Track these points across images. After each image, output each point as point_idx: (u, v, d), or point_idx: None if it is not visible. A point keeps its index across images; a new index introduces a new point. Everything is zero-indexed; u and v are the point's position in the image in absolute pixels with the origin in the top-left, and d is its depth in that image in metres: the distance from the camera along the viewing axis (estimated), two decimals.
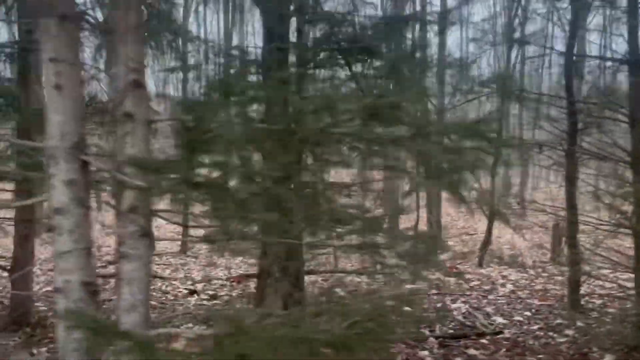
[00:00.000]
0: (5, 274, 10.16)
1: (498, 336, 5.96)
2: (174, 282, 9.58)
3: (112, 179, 2.25)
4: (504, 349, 5.46)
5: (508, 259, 10.69)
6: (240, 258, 11.93)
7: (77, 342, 2.26)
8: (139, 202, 2.24)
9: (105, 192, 2.52)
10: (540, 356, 5.23)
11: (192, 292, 8.54)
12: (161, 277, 9.92)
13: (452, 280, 8.75)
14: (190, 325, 6.40)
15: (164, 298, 8.38)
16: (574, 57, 7.02)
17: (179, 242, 13.34)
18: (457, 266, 10.22)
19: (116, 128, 2.23)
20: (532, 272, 9.71)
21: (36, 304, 7.30)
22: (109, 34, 2.23)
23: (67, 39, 2.21)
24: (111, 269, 10.77)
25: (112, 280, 9.53)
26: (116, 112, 2.23)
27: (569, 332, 6.04)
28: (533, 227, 11.81)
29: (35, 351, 5.54)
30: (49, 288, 8.95)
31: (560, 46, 11.19)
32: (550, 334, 6.02)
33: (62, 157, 2.22)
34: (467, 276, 9.33)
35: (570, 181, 6.88)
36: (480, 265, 10.25)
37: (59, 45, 2.19)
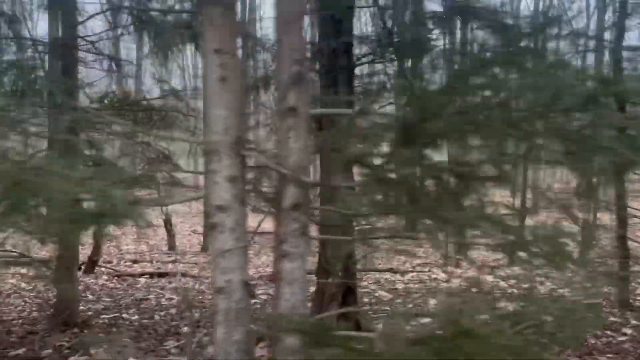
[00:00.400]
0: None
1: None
2: (205, 281, 9.49)
3: (276, 175, 2.17)
4: (570, 349, 5.41)
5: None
6: (265, 257, 11.88)
7: (237, 344, 2.18)
8: (302, 199, 2.16)
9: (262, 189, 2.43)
10: (610, 356, 5.20)
11: None
12: (192, 276, 9.85)
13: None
14: None
15: (201, 297, 8.29)
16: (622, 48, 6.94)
17: (200, 241, 13.24)
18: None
19: (279, 122, 2.15)
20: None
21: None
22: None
23: (231, 29, 2.13)
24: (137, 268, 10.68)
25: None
26: (279, 106, 2.15)
27: (627, 330, 6.01)
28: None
29: (93, 352, 5.44)
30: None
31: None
32: (608, 332, 5.98)
33: (225, 153, 2.14)
34: (494, 275, 9.29)
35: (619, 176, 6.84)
36: (511, 263, 10.20)
37: (223, 36, 2.11)
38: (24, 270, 10.48)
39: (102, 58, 7.40)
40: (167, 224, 12.73)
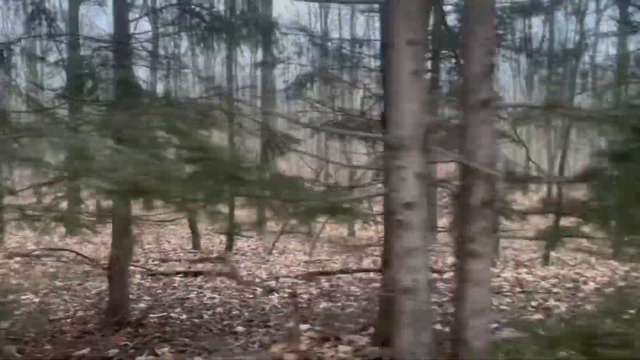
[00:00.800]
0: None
1: None
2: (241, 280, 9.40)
3: (464, 171, 2.09)
4: None
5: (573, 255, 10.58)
6: (292, 256, 11.82)
7: (424, 347, 2.11)
8: (492, 195, 2.09)
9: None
10: None
11: (271, 290, 8.36)
12: (227, 275, 9.75)
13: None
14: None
15: (242, 296, 8.19)
16: None
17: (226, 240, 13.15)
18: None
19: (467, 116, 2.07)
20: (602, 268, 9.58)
21: None
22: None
23: (424, 21, 2.05)
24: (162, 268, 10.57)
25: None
26: (470, 98, 2.07)
27: None
28: None
29: (159, 352, 5.34)
30: None
31: None
32: None
33: (414, 148, 2.06)
34: (532, 275, 9.21)
35: None
36: (546, 262, 10.15)
37: (418, 27, 2.03)
38: (52, 270, 10.40)
39: (151, 57, 7.30)
40: (192, 223, 12.65)
